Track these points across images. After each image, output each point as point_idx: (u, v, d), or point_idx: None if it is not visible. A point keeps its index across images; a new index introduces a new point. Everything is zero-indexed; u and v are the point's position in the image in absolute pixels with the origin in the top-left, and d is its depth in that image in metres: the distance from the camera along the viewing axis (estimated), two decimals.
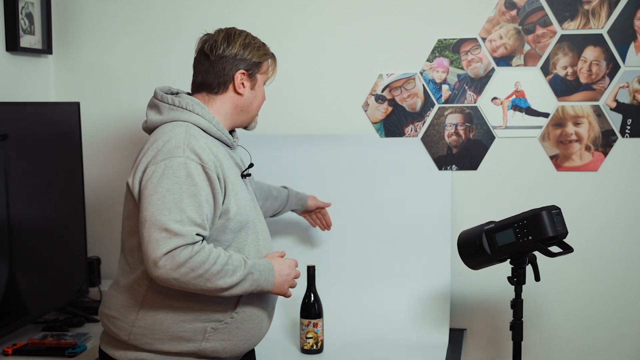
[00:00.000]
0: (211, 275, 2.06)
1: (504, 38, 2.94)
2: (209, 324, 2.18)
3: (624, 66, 2.88)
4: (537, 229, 2.40)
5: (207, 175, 2.10)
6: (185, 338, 2.17)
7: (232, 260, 2.11)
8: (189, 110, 2.21)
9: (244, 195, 2.25)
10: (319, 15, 3.06)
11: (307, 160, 3.05)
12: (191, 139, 2.12)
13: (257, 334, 2.30)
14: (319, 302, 2.78)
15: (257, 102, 2.34)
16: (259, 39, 2.33)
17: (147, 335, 2.17)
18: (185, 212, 2.05)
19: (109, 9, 3.19)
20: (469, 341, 3.05)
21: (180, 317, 2.16)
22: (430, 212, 2.98)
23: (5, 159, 2.57)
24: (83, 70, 3.22)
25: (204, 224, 2.08)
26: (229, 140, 2.27)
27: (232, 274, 2.09)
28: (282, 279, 2.23)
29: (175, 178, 2.06)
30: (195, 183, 2.07)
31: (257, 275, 2.15)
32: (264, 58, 2.30)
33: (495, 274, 2.80)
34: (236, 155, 2.32)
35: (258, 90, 2.32)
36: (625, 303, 2.95)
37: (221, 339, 2.20)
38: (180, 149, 2.10)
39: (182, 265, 2.03)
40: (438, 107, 3.01)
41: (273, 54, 2.35)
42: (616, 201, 2.93)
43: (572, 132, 2.93)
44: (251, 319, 2.25)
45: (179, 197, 2.05)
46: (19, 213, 2.63)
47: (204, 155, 2.11)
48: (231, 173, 2.21)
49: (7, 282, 2.59)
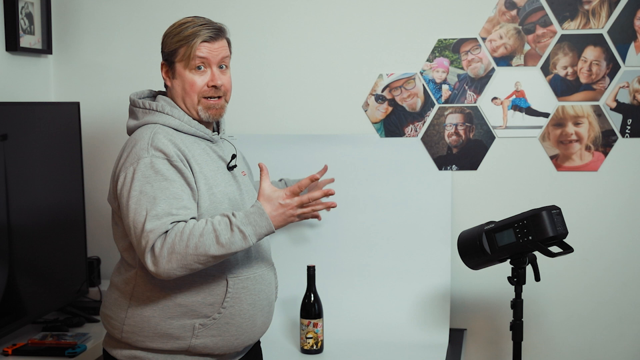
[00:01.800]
0: (195, 249, 2.01)
1: (504, 38, 2.94)
2: (197, 320, 2.17)
3: (624, 66, 2.88)
4: (537, 229, 2.40)
5: (175, 167, 2.11)
6: (174, 335, 2.17)
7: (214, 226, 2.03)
8: (159, 112, 2.22)
9: (225, 189, 2.22)
10: (319, 15, 3.06)
11: (307, 160, 3.05)
12: (154, 137, 2.14)
13: (251, 329, 2.26)
14: (319, 302, 2.78)
15: (187, 90, 2.23)
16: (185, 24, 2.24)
17: (137, 333, 2.18)
18: (161, 206, 2.05)
19: (109, 9, 3.19)
20: (469, 341, 3.05)
21: (167, 314, 2.17)
22: (430, 212, 2.98)
23: (5, 159, 2.57)
24: (83, 70, 3.22)
25: (182, 206, 2.07)
26: (206, 134, 2.25)
27: (218, 239, 2.02)
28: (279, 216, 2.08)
29: (145, 178, 2.08)
30: (165, 177, 2.08)
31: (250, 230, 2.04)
32: (177, 45, 2.23)
33: (495, 274, 2.80)
34: (220, 148, 2.30)
35: (181, 77, 2.24)
36: (625, 303, 2.95)
37: (211, 335, 2.19)
38: (145, 150, 2.11)
39: (163, 254, 2.02)
40: (438, 107, 3.01)
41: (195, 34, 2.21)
42: (616, 201, 2.93)
43: (572, 132, 2.93)
44: (242, 314, 2.22)
45: (153, 195, 2.06)
46: (18, 213, 2.63)
47: (167, 149, 2.11)
48: (207, 167, 2.20)
49: (7, 282, 2.59)
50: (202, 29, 2.23)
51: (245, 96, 3.13)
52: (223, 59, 2.27)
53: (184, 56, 2.22)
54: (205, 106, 2.25)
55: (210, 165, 2.21)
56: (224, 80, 2.26)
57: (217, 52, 2.25)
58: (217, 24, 2.29)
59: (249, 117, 3.12)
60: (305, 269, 2.79)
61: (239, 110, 3.13)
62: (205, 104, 2.25)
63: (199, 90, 2.23)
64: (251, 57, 3.11)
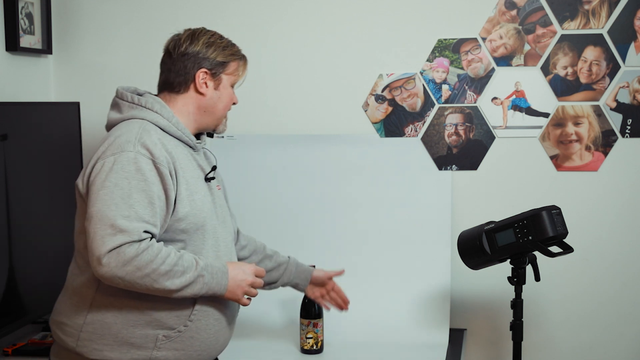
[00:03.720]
0: (158, 275, 1.97)
1: (504, 38, 2.94)
2: (161, 332, 2.08)
3: (624, 66, 2.88)
4: (537, 229, 2.40)
5: (158, 171, 2.03)
6: (135, 345, 2.07)
7: (182, 261, 2.02)
8: (148, 109, 2.14)
9: (203, 197, 2.16)
10: (319, 15, 3.06)
11: (307, 160, 3.05)
12: (144, 133, 2.06)
13: (214, 346, 2.19)
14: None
15: (223, 104, 2.25)
16: (228, 39, 2.25)
17: (95, 340, 2.07)
18: (134, 208, 1.97)
19: (109, 9, 3.19)
20: (469, 341, 3.05)
21: (130, 321, 2.07)
22: (430, 212, 2.98)
23: (5, 159, 2.57)
24: (83, 70, 3.22)
25: (153, 221, 2.01)
26: (190, 141, 2.19)
27: (181, 275, 2.00)
28: (236, 284, 2.12)
29: (124, 173, 1.99)
30: (145, 178, 2.00)
31: (209, 278, 2.06)
32: (231, 58, 2.23)
33: (495, 274, 2.80)
34: (200, 157, 2.24)
35: (223, 91, 2.23)
36: (625, 303, 2.95)
37: (174, 348, 2.10)
38: (131, 143, 2.03)
39: (128, 263, 1.94)
40: (438, 107, 3.01)
41: (243, 55, 2.28)
42: (616, 201, 2.93)
43: (572, 132, 2.93)
44: (207, 329, 2.15)
45: (128, 193, 1.98)
46: (18, 213, 2.63)
47: (156, 150, 2.04)
48: (189, 173, 2.14)
49: (7, 282, 2.59)
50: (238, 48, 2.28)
51: (245, 96, 3.11)
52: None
53: (235, 72, 2.24)
54: (225, 119, 2.30)
55: (191, 172, 2.16)
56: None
57: None
58: None
59: (249, 117, 3.12)
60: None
61: (239, 110, 3.11)
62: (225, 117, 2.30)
63: (230, 106, 2.29)
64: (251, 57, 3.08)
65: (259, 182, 3.07)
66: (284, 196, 3.06)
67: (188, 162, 2.16)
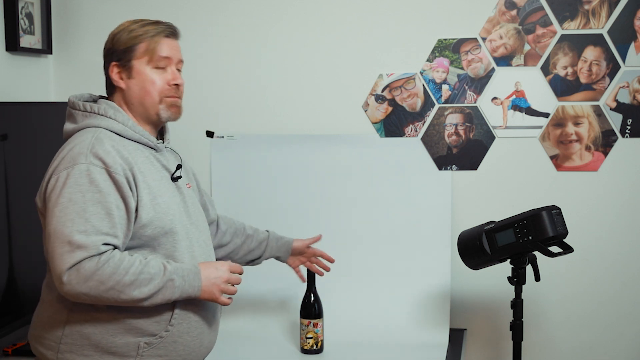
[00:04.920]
0: (123, 286, 1.92)
1: (504, 38, 2.94)
2: (142, 339, 2.03)
3: (624, 66, 2.88)
4: (537, 229, 2.40)
5: (113, 180, 1.97)
6: (117, 354, 2.02)
7: (149, 268, 1.96)
8: (102, 115, 2.07)
9: (169, 199, 2.09)
10: (319, 15, 3.05)
11: (307, 160, 3.05)
12: (96, 143, 1.99)
13: (198, 349, 2.14)
14: (319, 302, 2.78)
15: (148, 89, 2.10)
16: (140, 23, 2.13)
17: (76, 352, 2.01)
18: (90, 222, 1.92)
19: (109, 9, 3.19)
20: (469, 341, 3.05)
21: (110, 330, 2.01)
22: (430, 212, 2.98)
23: (5, 159, 2.57)
24: (83, 70, 3.22)
25: (113, 232, 1.95)
26: (150, 142, 2.12)
27: (148, 283, 1.95)
28: (210, 283, 2.04)
29: (77, 186, 1.94)
30: (99, 189, 1.94)
31: (180, 282, 2.00)
32: (136, 41, 2.09)
33: (495, 274, 2.80)
34: (164, 157, 2.16)
35: (139, 77, 2.10)
36: (625, 303, 2.95)
37: (157, 354, 2.05)
38: (83, 155, 1.97)
39: (89, 278, 1.89)
40: (438, 107, 3.01)
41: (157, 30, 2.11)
42: (616, 201, 2.93)
43: (572, 132, 2.93)
44: (189, 332, 2.09)
45: (83, 207, 1.92)
46: (18, 213, 2.63)
47: (109, 159, 1.97)
48: (151, 176, 2.07)
49: (7, 282, 2.59)
50: (161, 24, 2.14)
51: (245, 96, 3.13)
52: (180, 62, 2.17)
53: (145, 52, 2.10)
54: (169, 104, 2.12)
55: (153, 174, 2.08)
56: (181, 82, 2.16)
57: (177, 51, 2.15)
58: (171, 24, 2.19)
59: (249, 117, 3.12)
60: (306, 269, 2.79)
61: (239, 110, 3.13)
62: (169, 101, 2.12)
63: (161, 88, 2.11)
64: (251, 57, 3.11)
65: (259, 182, 3.07)
66: (284, 196, 3.06)
67: (150, 165, 2.09)
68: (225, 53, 3.12)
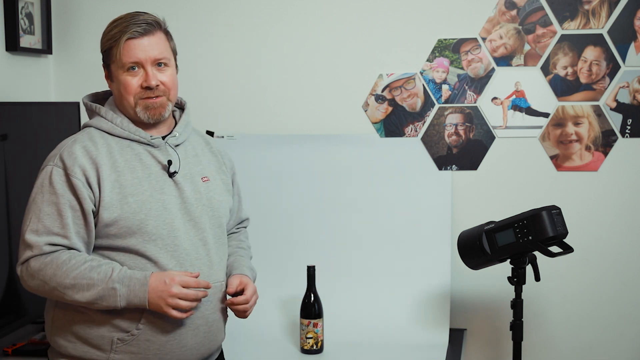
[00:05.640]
0: (64, 288, 1.97)
1: (504, 38, 2.94)
2: (115, 334, 2.04)
3: (624, 66, 2.88)
4: (537, 229, 2.40)
5: (69, 182, 2.00)
6: (93, 345, 2.05)
7: (92, 273, 1.97)
8: (96, 113, 2.14)
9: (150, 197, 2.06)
10: (319, 15, 3.05)
11: (307, 160, 3.05)
12: (69, 145, 2.05)
13: (179, 350, 2.09)
14: (319, 302, 2.78)
15: (122, 92, 2.09)
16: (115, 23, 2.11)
17: (62, 336, 2.08)
18: (42, 222, 1.99)
19: (109, 9, 3.18)
20: (469, 341, 3.05)
21: (87, 321, 2.05)
22: (430, 212, 2.98)
23: (5, 159, 2.57)
24: (83, 70, 3.22)
25: (63, 232, 1.99)
26: (142, 138, 2.11)
27: (89, 288, 1.96)
28: (157, 296, 1.99)
29: (41, 187, 2.02)
30: (55, 191, 2.00)
31: (124, 290, 1.98)
32: (108, 44, 2.09)
33: (495, 274, 2.80)
34: (163, 153, 2.12)
35: (116, 80, 2.10)
36: (625, 303, 2.95)
37: (130, 351, 2.05)
38: (54, 157, 2.04)
39: (34, 277, 1.99)
40: (438, 107, 3.01)
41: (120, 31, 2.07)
42: (616, 201, 2.93)
43: (572, 132, 2.93)
44: (164, 331, 2.06)
45: (40, 207, 2.01)
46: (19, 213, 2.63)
47: (69, 161, 2.01)
48: (130, 175, 2.06)
49: (7, 282, 2.59)
50: (130, 24, 2.07)
51: (245, 96, 3.13)
52: (159, 56, 2.09)
53: (114, 57, 2.08)
54: (144, 106, 2.10)
55: (136, 172, 2.07)
56: (162, 78, 2.10)
57: (148, 50, 2.07)
58: (151, 17, 2.13)
59: (249, 117, 3.12)
60: (305, 269, 2.79)
61: (239, 110, 3.13)
62: (143, 104, 2.09)
63: (134, 92, 2.09)
64: (251, 57, 3.11)
65: (259, 182, 3.07)
66: (284, 196, 3.06)
67: (135, 163, 2.08)
68: (225, 53, 3.12)
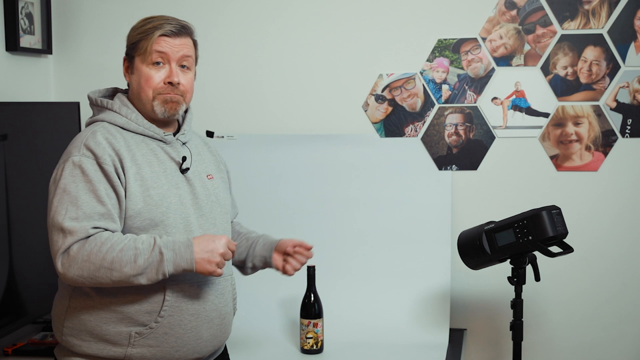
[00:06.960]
0: (111, 263, 1.96)
1: (504, 38, 2.94)
2: (133, 328, 2.07)
3: (624, 66, 2.88)
4: (537, 229, 2.40)
5: (102, 170, 2.04)
6: (110, 341, 2.07)
7: (136, 244, 1.99)
8: (109, 109, 2.16)
9: (167, 191, 2.11)
10: (319, 15, 3.06)
11: (307, 160, 3.05)
12: (91, 136, 2.08)
13: (196, 342, 2.13)
14: (319, 302, 2.78)
15: (142, 85, 2.14)
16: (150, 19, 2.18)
17: (75, 336, 2.10)
18: (82, 209, 2.00)
19: (109, 9, 3.19)
20: (469, 341, 3.05)
21: (103, 318, 2.07)
22: (430, 212, 2.98)
23: (5, 159, 2.57)
24: (83, 70, 3.22)
25: (107, 215, 2.01)
26: (155, 134, 2.15)
27: (135, 259, 1.97)
28: (205, 256, 2.02)
29: (71, 177, 2.03)
30: (90, 179, 2.02)
31: (170, 255, 2.00)
32: (138, 37, 2.15)
33: (495, 274, 2.80)
34: (174, 150, 2.18)
35: (137, 72, 2.15)
36: (625, 303, 2.95)
37: (148, 345, 2.08)
38: (77, 148, 2.06)
39: (78, 260, 1.97)
40: (438, 107, 3.01)
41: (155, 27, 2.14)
42: (616, 201, 2.93)
43: (572, 132, 2.93)
44: (182, 325, 2.10)
45: (75, 195, 2.01)
46: (18, 213, 2.63)
47: (98, 149, 2.05)
48: (148, 169, 2.10)
49: (7, 282, 2.59)
50: (165, 23, 2.16)
51: (245, 96, 3.13)
52: (184, 58, 2.16)
53: (142, 50, 2.13)
54: (162, 100, 2.13)
55: (154, 167, 2.12)
56: (183, 79, 2.16)
57: (178, 49, 2.15)
58: (184, 22, 2.20)
59: (249, 117, 3.12)
60: (305, 269, 2.79)
61: (239, 110, 3.13)
62: (162, 98, 2.13)
63: (155, 85, 2.13)
64: (251, 57, 3.11)
65: (259, 182, 3.07)
66: (284, 196, 3.06)
67: (152, 157, 2.13)
68: (225, 53, 3.12)
